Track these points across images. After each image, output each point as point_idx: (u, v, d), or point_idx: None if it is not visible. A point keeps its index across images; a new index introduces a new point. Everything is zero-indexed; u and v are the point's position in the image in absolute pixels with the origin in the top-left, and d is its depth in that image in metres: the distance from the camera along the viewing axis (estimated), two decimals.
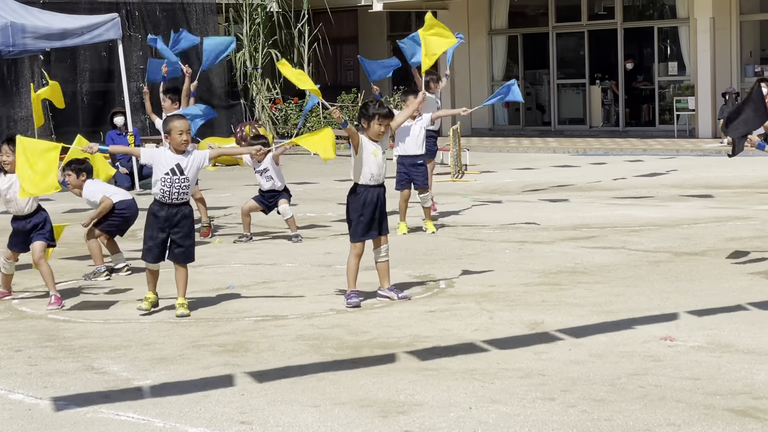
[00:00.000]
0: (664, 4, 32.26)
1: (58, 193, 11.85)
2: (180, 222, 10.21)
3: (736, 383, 7.44)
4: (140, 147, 11.26)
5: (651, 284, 10.94)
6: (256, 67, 32.47)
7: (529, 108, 34.77)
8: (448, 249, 13.51)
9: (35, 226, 10.91)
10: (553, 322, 9.40)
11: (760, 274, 11.26)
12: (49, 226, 11.00)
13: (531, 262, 12.39)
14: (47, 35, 22.16)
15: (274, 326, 9.63)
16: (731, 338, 8.63)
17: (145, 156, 10.45)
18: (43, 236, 10.91)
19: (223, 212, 17.72)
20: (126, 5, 29.44)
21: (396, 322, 9.62)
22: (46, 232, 10.94)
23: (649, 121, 32.42)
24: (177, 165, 10.13)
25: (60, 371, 8.33)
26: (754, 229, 14.26)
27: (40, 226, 10.92)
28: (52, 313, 10.47)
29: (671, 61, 32.01)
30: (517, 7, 34.05)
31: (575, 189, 19.88)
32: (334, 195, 19.61)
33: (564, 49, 34.13)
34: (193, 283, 10.99)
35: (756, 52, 30.84)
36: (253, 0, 32.56)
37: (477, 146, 29.61)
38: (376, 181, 10.48)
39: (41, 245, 10.87)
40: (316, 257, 13.25)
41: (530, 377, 7.72)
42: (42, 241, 10.88)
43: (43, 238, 10.90)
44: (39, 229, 10.91)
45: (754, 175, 21.16)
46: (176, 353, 8.79)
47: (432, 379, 7.74)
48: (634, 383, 7.49)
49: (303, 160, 28.33)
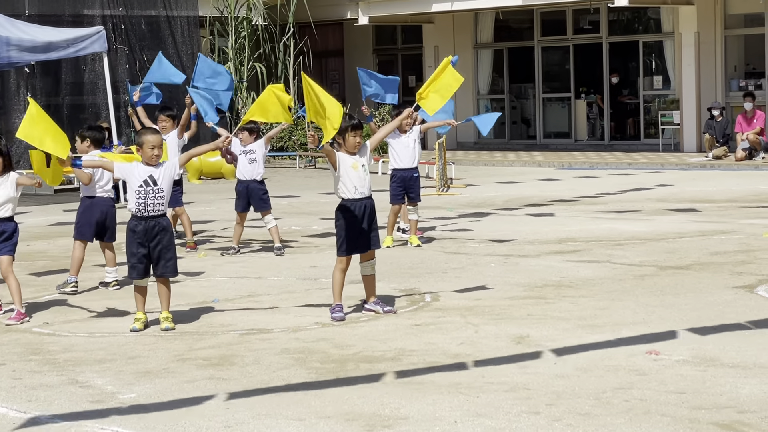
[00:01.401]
0: (649, 18, 32.34)
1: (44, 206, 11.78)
2: (158, 234, 10.21)
3: (721, 397, 7.45)
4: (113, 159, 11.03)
5: (636, 298, 10.95)
6: (242, 81, 32.46)
7: (514, 122, 34.81)
8: (434, 262, 13.51)
9: (2, 233, 10.77)
10: (538, 336, 9.40)
11: (745, 288, 11.28)
12: (16, 238, 10.88)
13: (516, 276, 12.40)
14: (32, 48, 22.12)
15: (260, 340, 9.61)
16: (716, 352, 8.64)
17: (118, 171, 10.44)
18: (9, 250, 10.78)
19: (208, 225, 17.69)
20: (111, 18, 29.40)
21: (381, 336, 9.61)
22: (11, 244, 10.81)
23: (635, 135, 32.48)
24: (150, 176, 10.18)
25: (44, 385, 8.30)
26: (738, 243, 14.29)
27: (7, 236, 10.80)
28: (38, 327, 10.43)
29: (656, 75, 32.09)
30: (502, 21, 34.10)
31: (560, 203, 19.90)
32: (318, 209, 19.60)
33: (549, 63, 34.20)
34: (178, 297, 10.97)
35: (740, 66, 30.93)
36: (238, 14, 32.56)
37: (462, 160, 29.63)
38: (362, 194, 10.48)
39: (8, 260, 10.75)
40: (301, 271, 13.23)
41: (515, 391, 7.72)
42: (9, 256, 10.76)
43: (10, 252, 10.79)
44: (6, 239, 10.79)
45: (739, 189, 21.22)
46: (161, 367, 8.76)
47: (417, 393, 7.74)
48: (620, 397, 7.49)
49: (288, 173, 28.34)
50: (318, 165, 30.06)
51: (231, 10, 32.35)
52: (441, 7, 32.19)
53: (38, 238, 16.63)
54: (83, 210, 12.30)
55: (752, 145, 27.19)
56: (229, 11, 32.36)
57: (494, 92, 35.02)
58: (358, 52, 36.98)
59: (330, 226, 12.47)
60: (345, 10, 34.26)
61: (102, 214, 12.25)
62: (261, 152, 14.75)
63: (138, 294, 10.29)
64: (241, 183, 14.85)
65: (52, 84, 28.63)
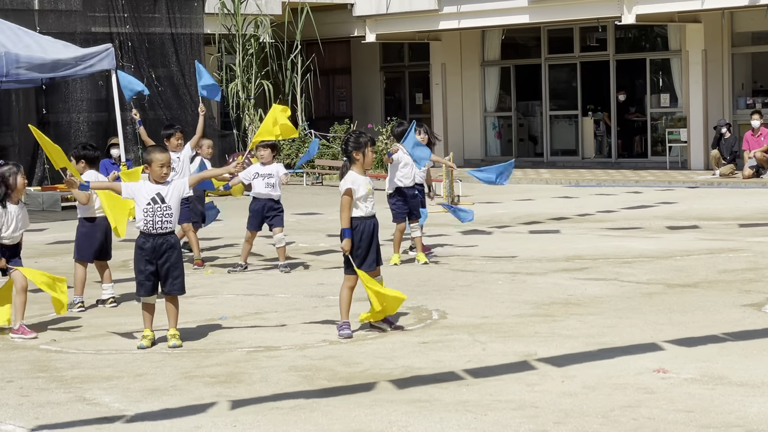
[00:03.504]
0: (657, 36, 32.37)
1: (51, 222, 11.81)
2: (166, 252, 10.22)
3: (729, 416, 7.43)
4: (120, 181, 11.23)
5: (644, 316, 10.94)
6: (249, 98, 32.52)
7: (521, 139, 34.83)
8: (441, 280, 13.50)
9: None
10: (546, 354, 9.38)
11: (753, 306, 11.26)
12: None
13: (524, 294, 12.38)
14: (40, 65, 22.18)
15: (267, 357, 9.61)
16: (724, 370, 8.63)
17: (126, 191, 10.43)
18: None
19: (215, 242, 17.69)
20: (119, 36, 29.49)
21: (389, 354, 9.60)
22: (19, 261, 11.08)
23: (642, 152, 32.48)
24: (158, 194, 10.20)
25: (52, 402, 8.30)
26: (746, 261, 14.27)
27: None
28: (45, 344, 10.45)
29: (663, 92, 32.09)
30: (509, 39, 34.14)
31: (568, 220, 19.89)
32: (326, 226, 19.60)
33: (556, 80, 34.22)
34: (186, 314, 10.97)
35: (748, 84, 30.93)
36: (246, 31, 32.63)
37: (469, 177, 29.60)
38: (369, 213, 10.51)
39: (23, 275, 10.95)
40: (308, 288, 13.23)
41: (523, 409, 7.70)
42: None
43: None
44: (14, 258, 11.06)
45: (746, 207, 21.20)
46: (168, 384, 8.76)
47: (425, 411, 7.72)
48: (627, 415, 7.48)
49: (295, 191, 28.33)
50: (325, 182, 30.07)
51: (239, 28, 32.42)
52: (448, 25, 32.25)
53: (46, 255, 16.65)
54: (85, 233, 12.34)
55: (759, 162, 27.17)
56: (237, 29, 32.43)
57: (501, 110, 35.04)
58: (366, 69, 37.04)
59: (336, 244, 12.47)
60: (352, 28, 34.32)
61: (103, 235, 12.33)
62: (277, 179, 14.73)
63: (146, 312, 10.29)
64: (257, 201, 14.84)
65: (60, 100, 28.69)
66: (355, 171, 10.52)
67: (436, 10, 31.80)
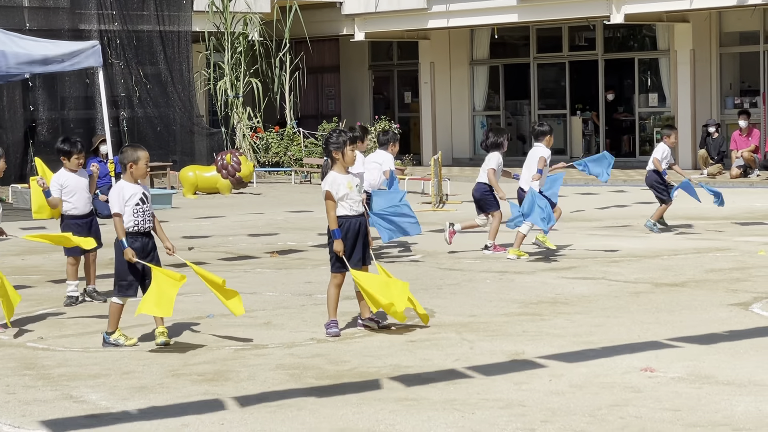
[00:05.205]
0: (645, 35, 32.42)
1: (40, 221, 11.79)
2: (152, 251, 10.33)
3: (716, 414, 7.44)
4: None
5: (631, 315, 10.95)
6: (237, 96, 32.50)
7: (510, 138, 34.80)
8: (429, 279, 13.50)
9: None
10: (533, 353, 9.39)
11: (740, 305, 11.28)
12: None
13: (511, 292, 12.39)
14: (28, 62, 22.12)
15: (254, 355, 9.60)
16: (711, 369, 8.64)
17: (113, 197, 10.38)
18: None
19: (204, 241, 17.67)
20: (107, 33, 29.46)
21: (376, 352, 9.60)
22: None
23: (630, 152, 32.52)
24: (144, 194, 10.26)
25: (38, 400, 8.28)
26: (733, 261, 14.30)
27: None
28: (32, 341, 10.43)
29: (651, 92, 32.15)
30: (498, 38, 34.16)
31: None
32: (314, 224, 19.58)
33: (545, 79, 34.26)
34: (173, 312, 10.93)
35: (735, 84, 30.99)
36: (234, 29, 32.61)
37: (458, 176, 29.63)
38: (356, 211, 10.49)
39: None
40: (296, 286, 13.22)
41: (511, 408, 7.71)
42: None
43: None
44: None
45: (734, 206, 21.23)
46: (156, 382, 8.75)
47: (412, 410, 7.72)
48: (615, 414, 7.49)
49: (283, 188, 28.33)
50: (313, 181, 30.06)
51: (227, 26, 32.39)
52: (437, 24, 32.26)
53: (33, 252, 16.61)
54: (77, 233, 12.23)
55: (747, 162, 27.23)
56: (226, 26, 32.40)
57: (490, 109, 35.07)
58: (354, 68, 37.05)
59: (325, 241, 12.45)
60: (341, 26, 34.32)
61: (89, 230, 12.33)
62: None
63: (118, 312, 10.22)
64: None
65: (50, 98, 28.66)
66: (336, 170, 10.51)
67: (425, 9, 31.82)
